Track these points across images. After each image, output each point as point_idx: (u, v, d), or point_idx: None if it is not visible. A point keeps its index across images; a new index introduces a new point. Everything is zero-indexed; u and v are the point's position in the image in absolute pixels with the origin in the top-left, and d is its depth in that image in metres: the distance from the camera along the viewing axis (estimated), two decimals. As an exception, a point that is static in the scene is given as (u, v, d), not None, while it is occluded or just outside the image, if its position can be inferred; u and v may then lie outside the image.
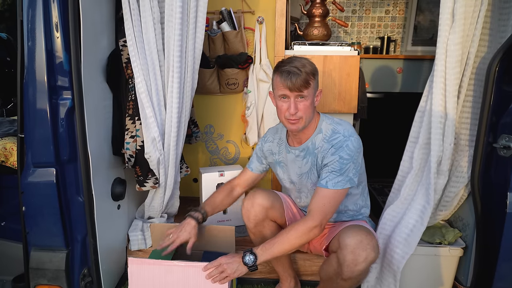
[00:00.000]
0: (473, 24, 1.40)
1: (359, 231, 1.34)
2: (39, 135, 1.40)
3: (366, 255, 1.29)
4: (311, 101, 1.39)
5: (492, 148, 1.39)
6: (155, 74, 1.62)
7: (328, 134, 1.42)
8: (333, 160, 1.37)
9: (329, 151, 1.39)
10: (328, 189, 1.36)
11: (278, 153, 1.59)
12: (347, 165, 1.37)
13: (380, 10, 3.56)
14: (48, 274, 1.47)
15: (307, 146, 1.47)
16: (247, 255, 1.31)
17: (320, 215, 1.35)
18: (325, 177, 1.38)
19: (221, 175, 2.02)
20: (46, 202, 1.43)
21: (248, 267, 1.32)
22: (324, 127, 1.45)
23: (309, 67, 1.37)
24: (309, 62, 1.39)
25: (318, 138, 1.45)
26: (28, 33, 1.36)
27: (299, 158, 1.50)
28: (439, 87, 1.44)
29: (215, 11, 2.18)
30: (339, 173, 1.36)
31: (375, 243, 1.34)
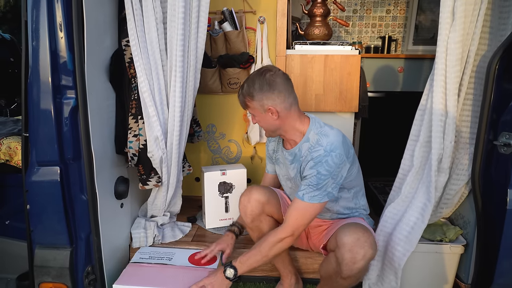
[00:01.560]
0: (473, 23, 1.40)
1: (356, 229, 1.35)
2: (43, 134, 1.42)
3: (364, 252, 1.31)
4: (260, 117, 1.47)
5: (492, 145, 1.40)
6: (158, 74, 1.64)
7: (313, 144, 1.43)
8: (310, 174, 1.38)
9: (308, 163, 1.41)
10: (303, 202, 1.39)
11: (277, 151, 1.65)
12: (325, 181, 1.37)
13: (381, 9, 3.56)
14: (52, 272, 1.48)
15: (294, 152, 1.51)
16: (228, 269, 1.42)
17: (291, 227, 1.41)
18: (302, 189, 1.40)
19: (223, 174, 2.03)
20: (50, 201, 1.44)
21: (230, 280, 1.42)
22: (311, 136, 1.46)
23: (248, 90, 1.43)
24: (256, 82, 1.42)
25: (305, 147, 1.47)
26: (32, 33, 1.37)
27: (288, 162, 1.55)
28: (440, 85, 1.44)
29: (217, 11, 2.19)
30: (315, 188, 1.37)
31: (373, 240, 1.35)
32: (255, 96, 1.43)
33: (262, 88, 1.41)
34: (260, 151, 2.39)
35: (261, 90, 1.41)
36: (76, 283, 1.50)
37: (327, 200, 1.41)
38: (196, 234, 2.03)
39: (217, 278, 1.43)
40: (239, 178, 2.03)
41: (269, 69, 1.45)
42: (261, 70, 1.45)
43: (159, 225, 1.93)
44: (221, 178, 2.04)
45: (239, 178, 2.03)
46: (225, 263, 1.45)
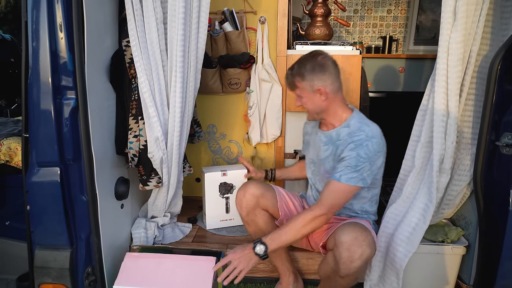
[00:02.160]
0: (475, 23, 1.40)
1: (354, 228, 1.36)
2: (44, 135, 1.41)
3: (362, 251, 1.31)
4: (307, 99, 1.52)
5: (494, 146, 1.39)
6: (158, 74, 1.63)
7: (354, 130, 1.49)
8: (350, 156, 1.43)
9: (349, 146, 1.45)
10: (340, 183, 1.41)
11: (309, 134, 1.73)
12: (363, 164, 1.41)
13: (382, 9, 3.56)
14: (53, 272, 1.47)
15: (331, 135, 1.56)
16: (258, 246, 1.37)
17: (327, 206, 1.41)
18: (339, 171, 1.43)
19: (224, 175, 2.03)
20: (51, 201, 1.44)
21: (259, 257, 1.37)
22: (352, 123, 1.52)
23: (299, 70, 1.50)
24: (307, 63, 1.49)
25: (344, 131, 1.52)
26: (32, 33, 1.37)
27: (322, 143, 1.59)
28: (441, 86, 1.44)
29: (217, 11, 2.19)
30: (353, 169, 1.41)
31: (371, 240, 1.35)
32: (306, 77, 1.49)
33: (314, 69, 1.48)
34: (261, 151, 2.38)
35: (312, 71, 1.48)
36: (77, 284, 1.50)
37: (361, 187, 1.44)
38: (197, 234, 2.02)
39: (244, 254, 1.38)
40: (239, 178, 2.02)
41: (320, 53, 1.52)
42: (312, 53, 1.53)
43: (159, 225, 1.93)
44: (222, 178, 2.03)
45: (239, 178, 2.02)
46: (255, 240, 1.40)
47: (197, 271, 1.54)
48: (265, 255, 1.38)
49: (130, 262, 1.58)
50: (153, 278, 1.54)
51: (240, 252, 1.39)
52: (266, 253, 1.38)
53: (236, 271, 1.35)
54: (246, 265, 1.36)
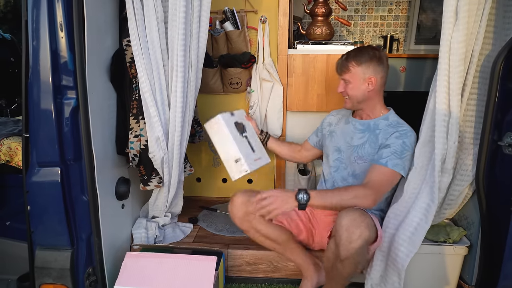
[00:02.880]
0: (477, 22, 1.39)
1: (353, 211, 1.39)
2: (44, 135, 1.41)
3: (360, 232, 1.33)
4: (354, 85, 1.60)
5: (497, 146, 1.39)
6: (159, 74, 1.63)
7: (394, 123, 1.62)
8: (396, 143, 1.54)
9: (394, 134, 1.56)
10: (387, 168, 1.51)
11: (335, 124, 1.80)
12: (407, 152, 1.53)
13: (383, 9, 3.55)
14: (53, 273, 1.47)
15: (368, 123, 1.66)
16: (301, 193, 1.39)
17: (376, 188, 1.47)
18: (385, 157, 1.52)
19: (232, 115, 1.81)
20: (51, 202, 1.43)
21: (298, 204, 1.39)
22: (391, 117, 1.65)
23: (356, 56, 1.59)
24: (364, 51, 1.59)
25: (382, 123, 1.63)
26: (32, 33, 1.36)
27: (357, 131, 1.67)
28: (443, 85, 1.43)
29: (218, 11, 2.18)
30: (399, 156, 1.52)
31: (370, 222, 1.37)
32: (363, 63, 1.58)
33: (372, 59, 1.58)
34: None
35: (371, 59, 1.58)
36: (77, 284, 1.50)
37: (403, 176, 1.54)
38: (198, 235, 2.02)
39: (284, 194, 1.40)
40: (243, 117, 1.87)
41: (378, 48, 1.65)
42: (371, 46, 1.67)
43: (160, 225, 1.93)
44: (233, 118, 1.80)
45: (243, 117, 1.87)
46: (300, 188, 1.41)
47: (198, 271, 1.54)
48: (305, 204, 1.39)
49: (130, 262, 1.58)
50: (154, 278, 1.54)
51: (280, 192, 1.41)
52: (306, 204, 1.39)
53: (271, 207, 1.38)
54: (280, 205, 1.39)
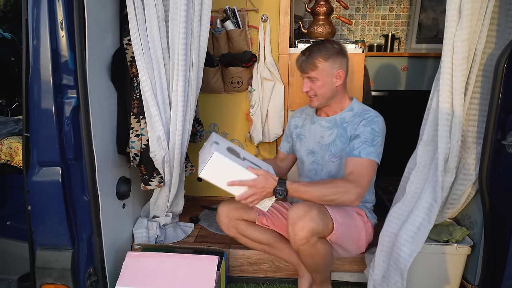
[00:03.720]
0: (480, 20, 1.38)
1: (300, 205, 1.41)
2: (45, 134, 1.40)
3: (302, 224, 1.36)
4: (322, 82, 1.53)
5: (500, 145, 1.38)
6: (160, 73, 1.62)
7: (359, 111, 1.57)
8: (365, 131, 1.49)
9: (361, 123, 1.52)
10: (361, 158, 1.46)
11: (301, 126, 1.72)
12: (378, 138, 1.49)
13: (384, 7, 3.54)
14: (54, 273, 1.46)
15: (334, 119, 1.61)
16: (279, 189, 1.38)
17: (358, 182, 1.43)
18: (357, 147, 1.47)
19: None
20: (52, 201, 1.43)
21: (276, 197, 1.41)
22: (355, 107, 1.60)
23: (321, 51, 1.50)
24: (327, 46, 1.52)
25: (348, 115, 1.58)
26: (33, 32, 1.36)
27: (324, 129, 1.61)
28: (446, 84, 1.42)
29: (219, 10, 2.18)
30: (370, 143, 1.47)
31: (315, 214, 1.37)
32: (330, 58, 1.51)
33: (339, 52, 1.52)
34: (263, 150, 2.37)
35: (337, 53, 1.52)
36: (78, 284, 1.49)
37: (378, 163, 1.49)
38: (199, 234, 2.01)
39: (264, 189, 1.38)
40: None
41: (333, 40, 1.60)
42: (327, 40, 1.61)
43: (161, 225, 1.92)
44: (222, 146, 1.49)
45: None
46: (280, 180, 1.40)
47: (200, 271, 1.53)
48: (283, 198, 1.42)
49: (131, 261, 1.58)
50: (155, 278, 1.53)
51: (262, 185, 1.39)
52: (285, 198, 1.42)
53: (251, 198, 1.39)
54: (260, 197, 1.40)
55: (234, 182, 1.37)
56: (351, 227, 1.54)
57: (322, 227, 1.40)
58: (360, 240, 1.61)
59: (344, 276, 1.82)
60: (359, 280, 1.81)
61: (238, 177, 1.38)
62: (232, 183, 1.37)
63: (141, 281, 1.53)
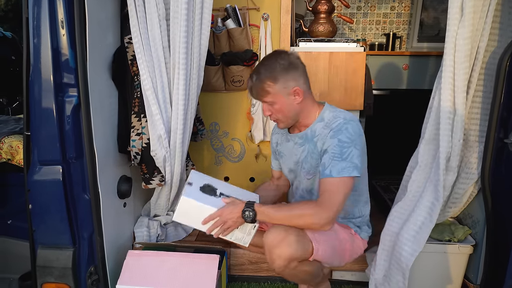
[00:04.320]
0: (483, 18, 1.37)
1: (276, 229, 1.34)
2: (45, 133, 1.40)
3: (280, 252, 1.30)
4: (280, 104, 1.39)
5: (503, 144, 1.37)
6: (161, 71, 1.61)
7: (329, 120, 1.42)
8: (332, 144, 1.34)
9: (328, 134, 1.37)
10: (332, 178, 1.30)
11: (280, 144, 1.63)
12: (348, 149, 1.32)
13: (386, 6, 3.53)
14: (55, 272, 1.46)
15: (306, 133, 1.48)
16: (247, 212, 1.34)
17: (328, 205, 1.30)
18: (328, 166, 1.32)
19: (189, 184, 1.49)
20: (53, 200, 1.43)
21: (245, 221, 1.36)
22: (326, 115, 1.45)
23: (267, 74, 1.36)
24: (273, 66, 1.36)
25: (319, 126, 1.44)
26: (33, 30, 1.35)
27: (297, 146, 1.51)
28: (448, 82, 1.41)
29: (220, 8, 2.17)
30: (340, 158, 1.31)
31: (292, 240, 1.31)
32: (280, 78, 1.36)
33: (287, 68, 1.36)
34: (264, 149, 2.36)
35: (285, 70, 1.36)
36: (79, 283, 1.49)
37: (357, 176, 1.32)
38: (200, 233, 2.01)
39: (233, 214, 1.35)
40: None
41: (280, 51, 1.41)
42: (275, 53, 1.42)
43: (162, 224, 1.92)
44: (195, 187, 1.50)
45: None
46: (248, 203, 1.36)
47: (201, 270, 1.53)
48: (252, 222, 1.36)
49: (132, 260, 1.57)
50: (156, 277, 1.53)
51: (229, 210, 1.36)
52: (254, 221, 1.36)
53: (224, 227, 1.37)
54: (232, 224, 1.37)
55: (205, 220, 1.37)
56: (333, 242, 1.45)
57: (301, 253, 1.32)
58: (345, 253, 1.52)
59: (345, 275, 1.82)
60: (360, 279, 1.80)
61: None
62: (204, 221, 1.37)
63: (142, 279, 1.52)
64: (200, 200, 1.39)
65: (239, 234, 1.43)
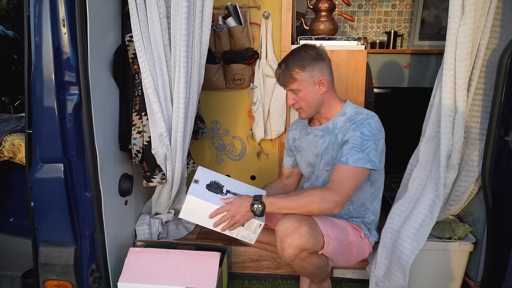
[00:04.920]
0: (484, 16, 1.37)
1: (289, 218, 1.36)
2: (47, 131, 1.40)
3: (291, 241, 1.32)
4: (305, 92, 1.46)
5: (503, 141, 1.37)
6: (162, 70, 1.62)
7: (352, 115, 1.48)
8: (353, 136, 1.40)
9: (350, 127, 1.43)
10: (348, 165, 1.36)
11: (298, 139, 1.67)
12: (368, 142, 1.38)
13: (387, 4, 3.52)
14: (57, 269, 1.47)
15: (327, 126, 1.54)
16: (256, 204, 1.37)
17: (337, 189, 1.35)
18: (345, 154, 1.38)
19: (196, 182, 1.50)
20: (55, 198, 1.44)
21: (254, 215, 1.38)
22: (348, 110, 1.51)
23: (296, 61, 1.43)
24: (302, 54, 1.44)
25: (340, 120, 1.50)
26: (35, 28, 1.36)
27: (317, 138, 1.55)
28: (449, 80, 1.41)
29: (221, 6, 2.17)
30: (359, 149, 1.37)
31: (305, 230, 1.32)
32: (307, 67, 1.43)
33: (315, 58, 1.43)
34: (265, 147, 2.37)
35: (313, 60, 1.43)
36: (81, 280, 1.50)
37: (370, 169, 1.38)
38: (201, 231, 2.02)
39: (242, 208, 1.37)
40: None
41: (308, 44, 1.50)
42: (304, 45, 1.50)
43: (163, 222, 1.92)
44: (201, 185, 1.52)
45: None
46: (255, 196, 1.39)
47: (202, 267, 1.54)
48: (261, 214, 1.38)
49: (134, 258, 1.58)
50: (157, 274, 1.53)
51: (237, 205, 1.38)
52: (263, 213, 1.38)
53: (231, 222, 1.38)
54: (241, 218, 1.38)
55: (212, 214, 1.39)
56: (343, 242, 1.47)
57: (312, 244, 1.35)
58: (351, 255, 1.55)
59: (346, 273, 1.82)
60: (361, 277, 1.81)
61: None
62: (211, 215, 1.39)
63: (143, 277, 1.53)
64: (206, 198, 1.41)
65: (245, 232, 1.44)
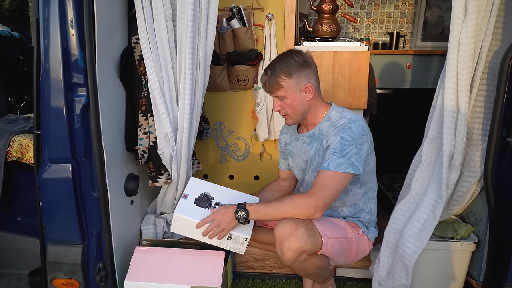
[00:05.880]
0: (486, 18, 1.39)
1: (286, 222, 1.38)
2: (56, 132, 1.42)
3: (289, 244, 1.34)
4: (292, 99, 1.46)
5: (505, 142, 1.38)
6: (168, 71, 1.64)
7: (335, 119, 1.48)
8: (334, 141, 1.40)
9: (332, 132, 1.44)
10: (329, 171, 1.37)
11: (289, 143, 1.67)
12: (349, 147, 1.37)
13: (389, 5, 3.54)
14: (65, 267, 1.49)
15: (313, 132, 1.54)
16: (240, 212, 1.40)
17: (318, 194, 1.36)
18: (327, 159, 1.39)
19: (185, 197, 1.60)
20: (63, 198, 1.46)
21: (239, 222, 1.42)
22: (332, 115, 1.51)
23: (282, 68, 1.42)
24: (288, 61, 1.42)
25: (325, 125, 1.50)
26: (44, 31, 1.38)
27: (305, 144, 1.56)
28: (451, 81, 1.43)
29: (225, 8, 2.19)
30: (340, 154, 1.37)
31: (302, 233, 1.35)
32: (294, 74, 1.42)
33: (302, 65, 1.43)
34: (269, 148, 2.38)
35: (300, 67, 1.42)
36: (88, 279, 1.52)
37: (353, 174, 1.39)
38: (205, 231, 2.03)
39: (226, 216, 1.42)
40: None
41: (295, 50, 1.48)
42: (289, 52, 1.48)
43: (168, 222, 1.94)
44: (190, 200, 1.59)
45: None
46: (239, 204, 1.43)
47: (207, 266, 1.56)
48: (245, 221, 1.42)
49: (140, 256, 1.60)
50: (163, 273, 1.56)
51: (222, 213, 1.43)
52: (247, 220, 1.41)
53: (217, 230, 1.42)
54: (226, 227, 1.41)
55: (198, 224, 1.44)
56: (341, 240, 1.49)
57: (311, 245, 1.36)
58: (351, 253, 1.57)
59: (349, 272, 1.84)
60: (364, 276, 1.82)
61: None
62: (197, 225, 1.44)
63: (149, 275, 1.55)
64: (192, 215, 1.49)
65: (233, 244, 1.50)
